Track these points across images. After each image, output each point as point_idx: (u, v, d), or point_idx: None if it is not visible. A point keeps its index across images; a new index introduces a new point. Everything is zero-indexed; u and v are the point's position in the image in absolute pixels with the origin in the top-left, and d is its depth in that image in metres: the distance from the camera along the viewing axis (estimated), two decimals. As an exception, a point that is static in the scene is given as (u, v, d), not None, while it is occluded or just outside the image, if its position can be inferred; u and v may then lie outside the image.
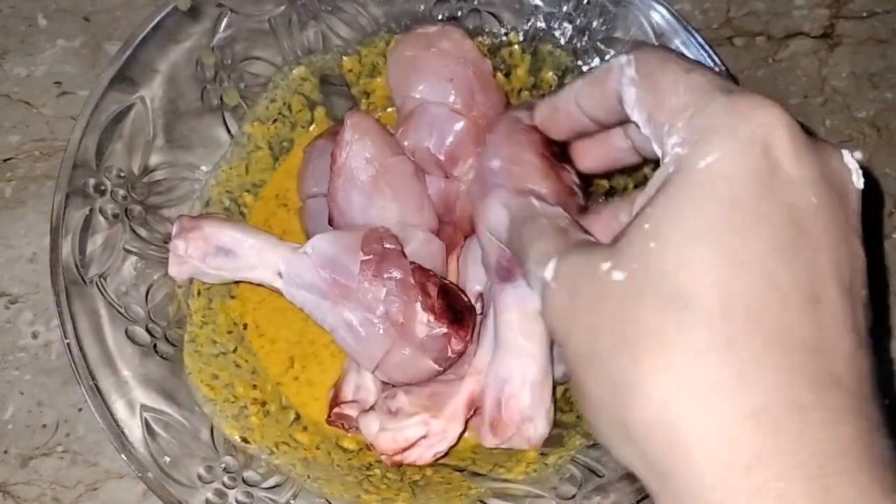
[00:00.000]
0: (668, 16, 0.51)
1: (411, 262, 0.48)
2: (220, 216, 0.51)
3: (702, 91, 0.30)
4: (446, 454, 0.48)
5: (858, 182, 0.31)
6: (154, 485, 0.43)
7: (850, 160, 0.31)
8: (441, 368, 0.47)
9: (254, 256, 0.47)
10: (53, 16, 0.67)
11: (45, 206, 0.61)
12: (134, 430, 0.44)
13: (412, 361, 0.47)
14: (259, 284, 0.48)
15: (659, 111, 0.31)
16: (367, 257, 0.46)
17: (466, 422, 0.49)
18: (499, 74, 0.58)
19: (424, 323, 0.46)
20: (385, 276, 0.46)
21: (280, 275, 0.47)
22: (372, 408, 0.49)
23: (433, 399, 0.48)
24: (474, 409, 0.49)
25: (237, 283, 0.53)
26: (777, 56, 0.68)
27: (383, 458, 0.48)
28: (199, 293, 0.53)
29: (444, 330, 0.46)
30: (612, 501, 0.44)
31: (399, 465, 0.48)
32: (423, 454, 0.48)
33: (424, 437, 0.47)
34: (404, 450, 0.47)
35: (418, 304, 0.46)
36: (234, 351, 0.53)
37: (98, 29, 0.67)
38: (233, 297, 0.55)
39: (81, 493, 0.55)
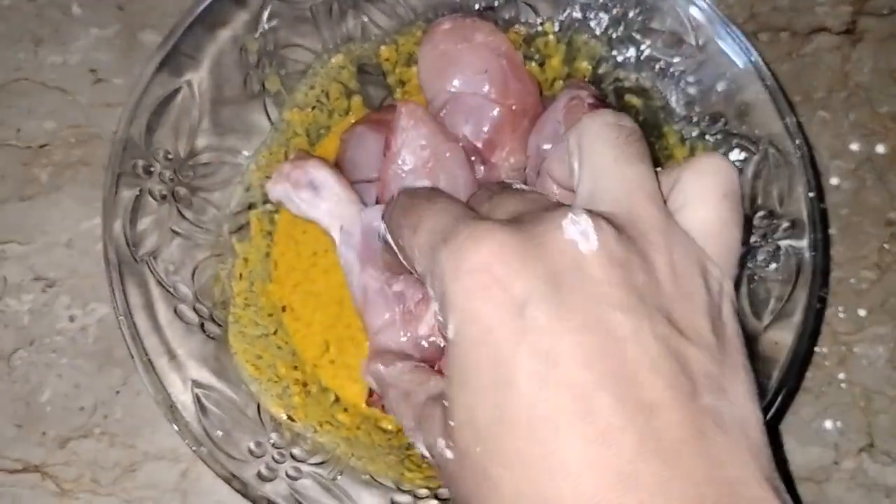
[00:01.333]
0: (705, 7, 0.52)
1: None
2: (327, 161, 0.54)
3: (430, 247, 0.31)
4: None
5: (587, 245, 0.29)
6: (208, 458, 0.43)
7: (572, 228, 0.29)
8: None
9: (332, 203, 0.51)
10: (87, 4, 0.68)
11: (81, 192, 0.62)
12: (187, 405, 0.44)
13: (398, 349, 0.47)
14: (324, 231, 0.52)
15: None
16: None
17: None
18: (532, 64, 0.59)
19: (430, 325, 0.47)
20: None
21: (340, 228, 0.50)
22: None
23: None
24: None
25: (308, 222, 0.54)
26: (801, 52, 0.69)
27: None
28: (241, 276, 0.53)
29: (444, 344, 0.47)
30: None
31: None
32: None
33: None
34: None
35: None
36: (275, 333, 0.53)
37: (132, 18, 0.67)
38: (272, 281, 0.55)
39: (119, 475, 0.56)
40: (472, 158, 0.52)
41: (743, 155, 0.52)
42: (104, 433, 0.57)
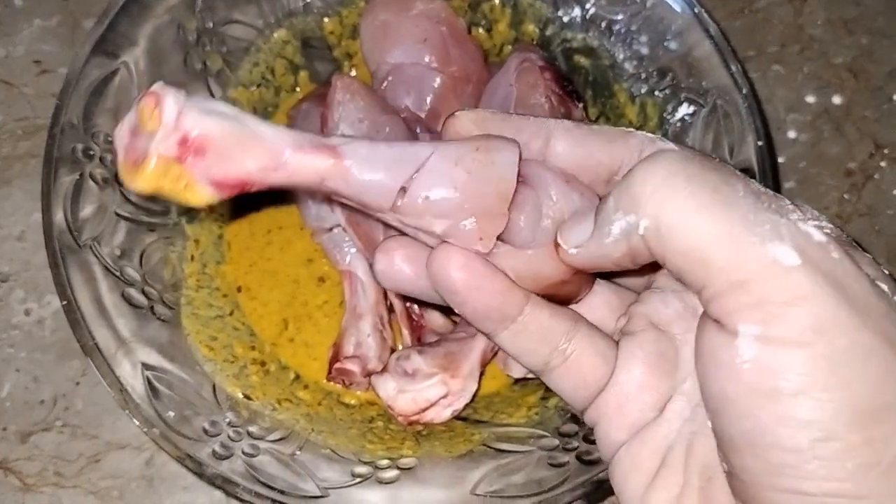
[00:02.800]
0: (646, -39, 0.52)
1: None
2: None
3: None
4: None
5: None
6: (160, 440, 0.43)
7: None
8: None
9: None
10: (29, -5, 0.67)
11: (30, 185, 0.61)
12: (137, 388, 0.44)
13: None
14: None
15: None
16: None
17: (480, 377, 0.49)
18: (479, 30, 0.59)
19: None
20: None
21: None
22: (384, 369, 0.49)
23: (449, 359, 0.48)
24: (486, 364, 0.50)
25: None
26: (753, 7, 0.69)
27: (400, 418, 0.48)
28: (192, 258, 0.53)
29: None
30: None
31: (415, 424, 0.49)
32: (440, 413, 0.48)
33: (444, 396, 0.48)
34: (423, 410, 0.48)
35: None
36: (231, 314, 0.53)
37: (75, 6, 0.66)
38: (226, 262, 0.55)
39: (83, 466, 0.55)
40: (417, 129, 0.52)
41: (692, 109, 0.52)
42: (66, 425, 0.56)
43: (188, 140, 0.27)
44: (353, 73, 0.59)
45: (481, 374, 0.49)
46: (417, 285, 0.32)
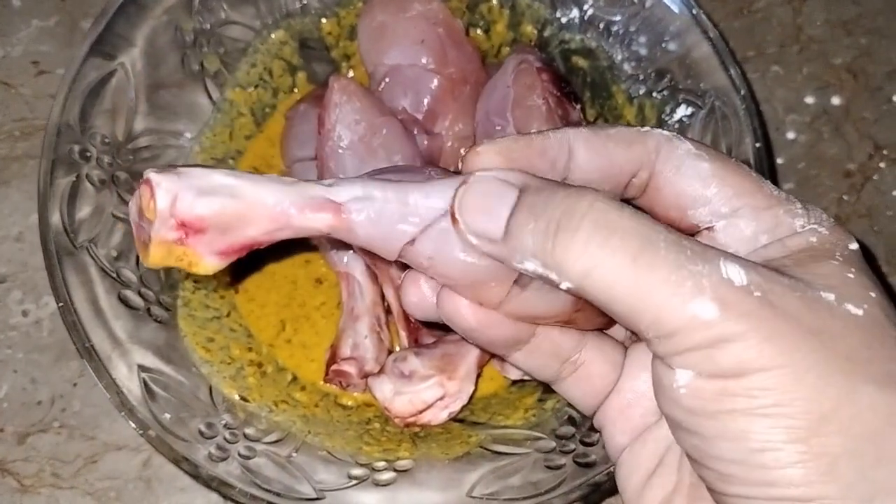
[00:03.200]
0: (645, -38, 0.52)
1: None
2: None
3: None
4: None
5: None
6: (156, 442, 0.43)
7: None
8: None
9: None
10: (27, -4, 0.67)
11: (29, 186, 0.61)
12: (133, 390, 0.44)
13: None
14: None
15: (760, 196, 0.30)
16: None
17: (477, 379, 0.49)
18: (478, 31, 0.59)
19: None
20: None
21: None
22: (381, 371, 0.49)
23: (446, 360, 0.48)
24: (483, 366, 0.49)
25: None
26: (752, 7, 0.69)
27: (397, 420, 0.48)
28: (189, 259, 0.53)
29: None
30: (611, 437, 0.44)
31: (412, 425, 0.49)
32: (437, 415, 0.48)
33: (441, 398, 0.48)
34: (420, 412, 0.48)
35: None
36: (228, 315, 0.53)
37: (73, 7, 0.66)
38: (223, 264, 0.55)
39: (81, 467, 0.55)
40: (415, 131, 0.52)
41: (690, 110, 0.52)
42: (63, 426, 0.56)
43: (185, 223, 0.27)
44: (351, 74, 0.59)
45: (478, 376, 0.49)
46: None
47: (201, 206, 0.27)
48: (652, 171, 0.31)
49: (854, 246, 0.29)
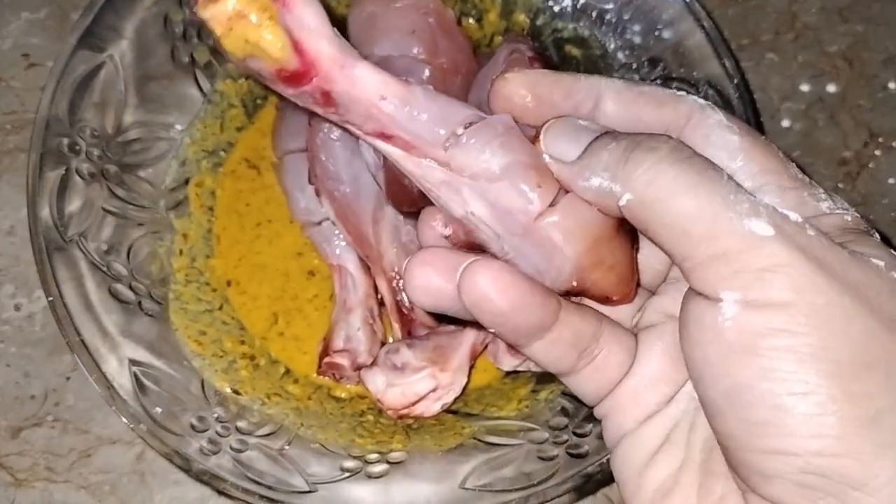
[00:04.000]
0: (639, -49, 0.51)
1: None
2: None
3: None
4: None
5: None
6: (147, 436, 0.43)
7: None
8: None
9: None
10: (16, -12, 0.66)
11: (20, 179, 0.61)
12: (124, 384, 0.44)
13: None
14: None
15: (785, 176, 0.29)
16: None
17: (470, 370, 0.49)
18: (470, 20, 0.58)
19: None
20: None
21: None
22: (374, 363, 0.49)
23: (438, 352, 0.48)
24: (476, 357, 0.49)
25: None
26: (746, -6, 0.68)
27: (389, 412, 0.48)
28: (180, 252, 0.52)
29: None
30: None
31: (404, 417, 0.49)
32: (430, 407, 0.48)
33: (433, 390, 0.48)
34: (413, 404, 0.48)
35: None
36: (220, 308, 0.53)
37: (63, -1, 0.66)
38: (215, 256, 0.55)
39: (75, 461, 0.55)
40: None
41: (683, 99, 0.51)
42: (57, 420, 0.56)
43: None
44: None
45: (471, 367, 0.49)
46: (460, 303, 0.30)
47: None
48: (679, 136, 0.30)
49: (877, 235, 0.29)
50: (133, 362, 0.45)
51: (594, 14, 0.55)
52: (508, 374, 0.52)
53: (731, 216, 0.26)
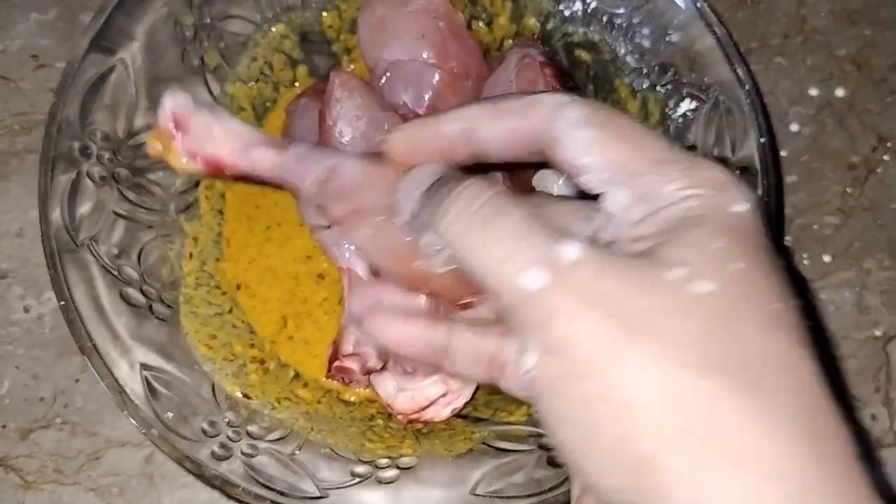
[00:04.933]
0: (648, -46, 0.51)
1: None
2: None
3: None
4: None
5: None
6: (159, 441, 0.43)
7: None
8: None
9: None
10: (25, -11, 0.66)
11: (29, 181, 0.61)
12: (135, 389, 0.44)
13: None
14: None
15: (637, 161, 0.29)
16: None
17: None
18: (480, 24, 0.58)
19: None
20: None
21: None
22: (384, 367, 0.49)
23: None
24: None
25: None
26: (755, -2, 0.68)
27: (400, 417, 0.48)
28: (191, 256, 0.52)
29: None
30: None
31: (415, 422, 0.48)
32: (440, 412, 0.48)
33: (443, 395, 0.48)
34: (423, 409, 0.48)
35: None
36: (230, 312, 0.53)
37: (72, 0, 0.66)
38: (225, 260, 0.55)
39: (83, 463, 0.55)
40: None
41: (694, 104, 0.51)
42: (65, 422, 0.56)
43: (175, 118, 0.36)
44: (352, 67, 0.59)
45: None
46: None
47: (192, 111, 0.36)
48: (547, 139, 0.31)
49: (739, 207, 0.28)
50: (144, 366, 0.45)
51: (604, 18, 0.55)
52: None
53: (506, 274, 0.27)
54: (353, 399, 0.52)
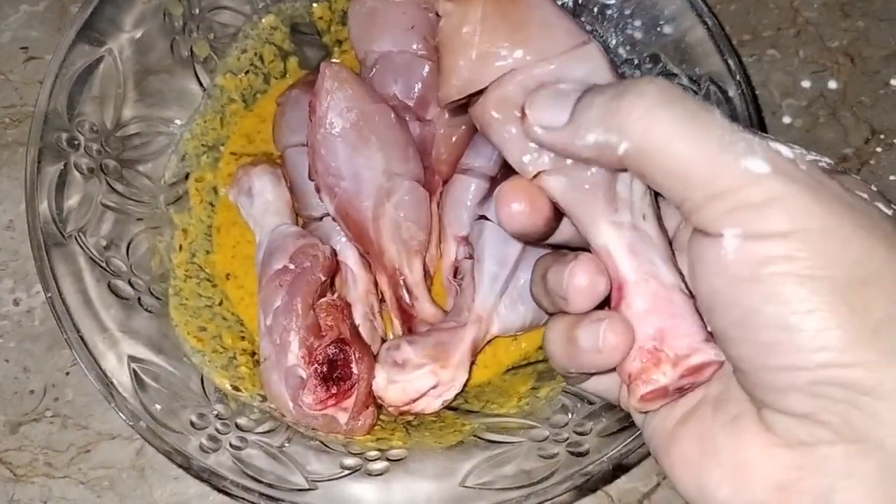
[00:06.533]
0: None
1: (335, 301, 0.48)
2: (275, 169, 0.54)
3: None
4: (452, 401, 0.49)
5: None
6: (147, 434, 0.42)
7: None
8: (293, 411, 0.46)
9: (259, 211, 0.52)
10: (15, -20, 0.66)
11: (18, 173, 0.61)
12: (123, 381, 0.43)
13: (273, 379, 0.47)
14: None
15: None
16: (285, 265, 0.48)
17: (470, 367, 0.49)
18: (471, 15, 0.58)
19: (295, 354, 0.46)
20: (282, 293, 0.47)
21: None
22: (375, 359, 0.49)
23: (439, 349, 0.48)
24: (477, 354, 0.49)
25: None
26: (748, -11, 0.68)
27: (390, 409, 0.48)
28: (180, 248, 0.52)
29: (304, 375, 0.46)
30: (603, 426, 0.44)
31: (405, 414, 0.48)
32: (431, 403, 0.48)
33: (434, 387, 0.47)
34: (413, 401, 0.47)
35: (295, 336, 0.46)
36: (220, 304, 0.52)
37: (62, -9, 0.65)
38: (214, 251, 0.54)
39: (74, 456, 0.55)
40: (406, 117, 0.51)
41: (685, 95, 0.51)
42: (56, 415, 0.56)
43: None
44: (343, 59, 0.59)
45: (472, 364, 0.49)
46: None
47: None
48: None
49: None
50: (132, 359, 0.45)
51: (595, 9, 0.54)
52: (509, 370, 0.52)
53: (727, 157, 0.27)
54: (343, 391, 0.52)
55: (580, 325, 0.32)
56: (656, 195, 0.33)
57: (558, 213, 0.34)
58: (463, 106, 0.36)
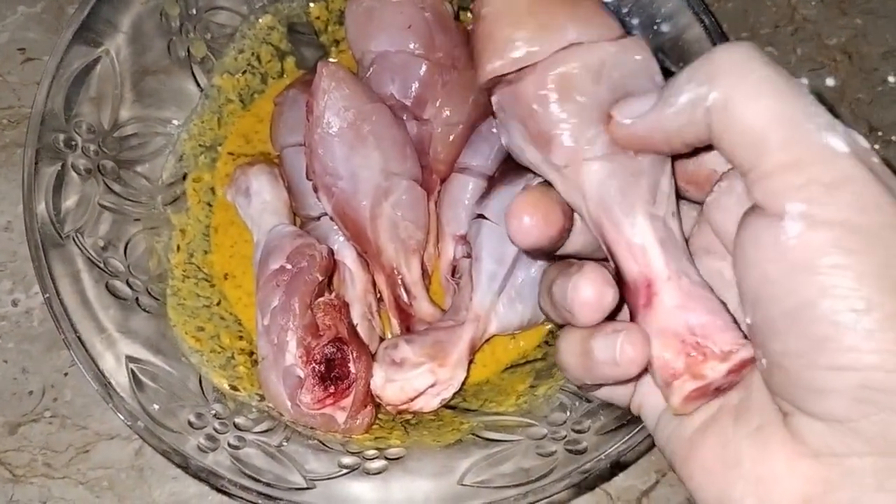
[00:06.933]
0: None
1: (333, 300, 0.48)
2: (272, 169, 0.54)
3: None
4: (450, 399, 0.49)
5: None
6: (145, 434, 0.42)
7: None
8: (291, 410, 0.46)
9: (256, 211, 0.52)
10: (13, -19, 0.66)
11: (17, 174, 0.60)
12: (121, 381, 0.43)
13: (271, 378, 0.47)
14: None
15: None
16: (282, 265, 0.48)
17: (468, 366, 0.49)
18: (468, 14, 0.58)
19: (293, 354, 0.46)
20: (279, 293, 0.47)
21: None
22: (373, 358, 0.49)
23: (437, 347, 0.48)
24: (475, 353, 0.49)
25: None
26: (746, -13, 0.68)
27: (389, 407, 0.48)
28: (178, 248, 0.52)
29: (302, 375, 0.46)
30: (601, 424, 0.44)
31: (403, 413, 0.48)
32: (429, 402, 0.48)
33: (432, 385, 0.47)
34: (412, 399, 0.47)
35: (293, 336, 0.46)
36: (219, 304, 0.52)
37: (59, -8, 0.65)
38: (212, 251, 0.54)
39: (73, 457, 0.55)
40: (404, 117, 0.51)
41: (682, 93, 0.51)
42: (55, 416, 0.56)
43: None
44: (340, 58, 0.59)
45: (470, 363, 0.49)
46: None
47: None
48: None
49: None
50: (130, 359, 0.45)
51: (593, 8, 0.54)
52: (507, 369, 0.52)
53: (810, 127, 0.27)
54: (342, 391, 0.52)
55: (595, 337, 0.31)
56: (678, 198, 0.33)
57: (569, 224, 0.33)
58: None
